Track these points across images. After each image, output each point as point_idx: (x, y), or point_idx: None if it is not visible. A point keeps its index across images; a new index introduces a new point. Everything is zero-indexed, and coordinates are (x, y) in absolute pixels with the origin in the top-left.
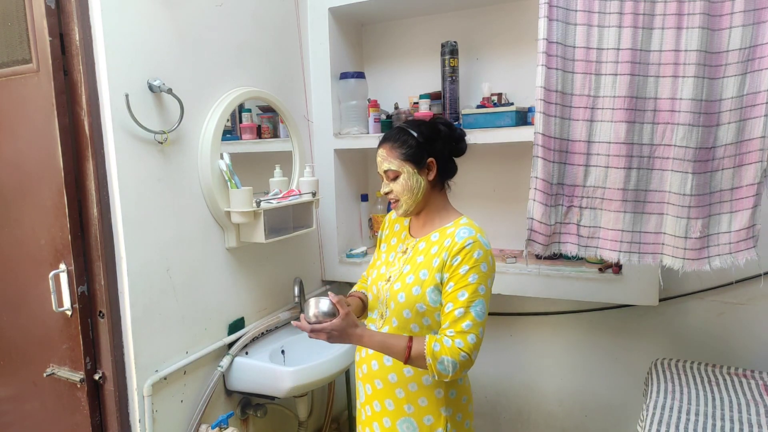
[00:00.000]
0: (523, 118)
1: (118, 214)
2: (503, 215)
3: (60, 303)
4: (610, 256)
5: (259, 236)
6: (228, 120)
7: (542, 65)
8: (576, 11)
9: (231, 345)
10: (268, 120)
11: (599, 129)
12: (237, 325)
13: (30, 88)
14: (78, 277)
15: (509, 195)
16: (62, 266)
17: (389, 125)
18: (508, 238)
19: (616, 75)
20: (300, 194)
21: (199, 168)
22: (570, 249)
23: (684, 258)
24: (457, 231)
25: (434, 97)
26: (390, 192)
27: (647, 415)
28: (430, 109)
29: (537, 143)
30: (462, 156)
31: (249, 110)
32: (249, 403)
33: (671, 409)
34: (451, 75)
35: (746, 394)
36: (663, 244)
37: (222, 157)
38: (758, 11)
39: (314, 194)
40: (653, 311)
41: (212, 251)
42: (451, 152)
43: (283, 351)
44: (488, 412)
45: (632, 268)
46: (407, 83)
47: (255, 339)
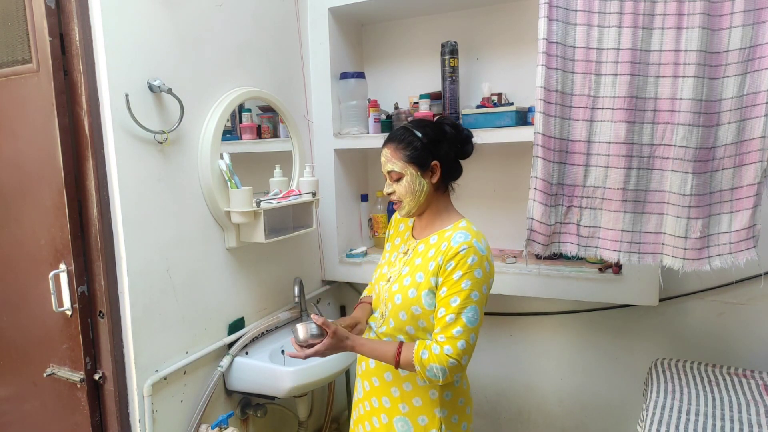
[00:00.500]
0: (523, 118)
1: (118, 214)
2: (503, 215)
3: (60, 303)
4: (610, 256)
5: (259, 236)
6: (228, 120)
7: (542, 65)
8: (576, 11)
9: (231, 345)
10: (268, 120)
11: (599, 129)
12: (237, 325)
13: (30, 88)
14: (78, 277)
15: (509, 195)
16: (62, 266)
17: (389, 125)
18: (508, 238)
19: (616, 75)
20: (300, 194)
21: (199, 168)
22: (570, 249)
23: (684, 258)
24: (454, 235)
25: (434, 97)
26: (393, 193)
27: (647, 415)
28: (430, 109)
29: (537, 143)
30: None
31: (249, 110)
32: (249, 403)
33: (671, 409)
34: (451, 75)
35: (746, 394)
36: (663, 244)
37: (222, 157)
38: (758, 11)
39: (314, 194)
40: (653, 311)
41: (212, 251)
42: (457, 154)
43: (283, 351)
44: (488, 412)
45: (632, 268)
46: (407, 83)
47: (255, 339)
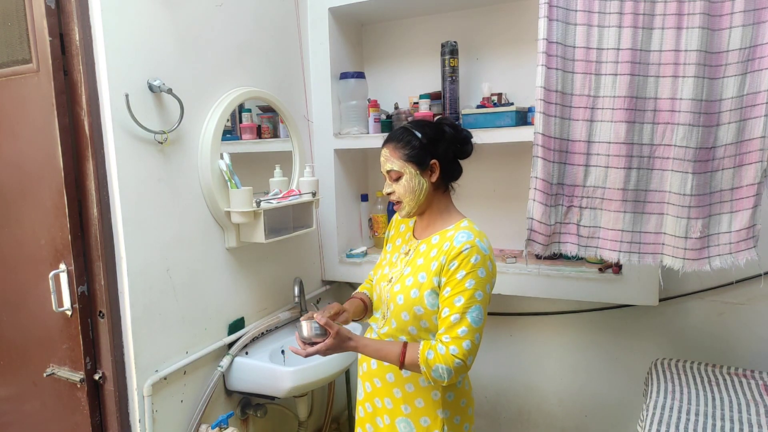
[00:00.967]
0: (523, 118)
1: (118, 214)
2: (503, 215)
3: (60, 303)
4: (610, 256)
5: (259, 236)
6: (228, 120)
7: (542, 65)
8: (576, 11)
9: (231, 345)
10: (268, 120)
11: (599, 129)
12: (237, 325)
13: (30, 88)
14: (78, 277)
15: (509, 195)
16: (62, 266)
17: (389, 125)
18: (508, 238)
19: (616, 75)
20: (300, 194)
21: (199, 168)
22: (570, 249)
23: (684, 258)
24: (456, 235)
25: (434, 97)
26: (392, 193)
27: (647, 415)
28: (430, 109)
29: (537, 143)
30: (467, 158)
31: (249, 110)
32: (249, 403)
33: (671, 409)
34: (451, 75)
35: (746, 394)
36: (663, 244)
37: (222, 157)
38: (758, 11)
39: (314, 194)
40: (653, 311)
41: (212, 251)
42: (456, 154)
43: (283, 351)
44: (488, 412)
45: (632, 268)
46: (407, 83)
47: (255, 339)
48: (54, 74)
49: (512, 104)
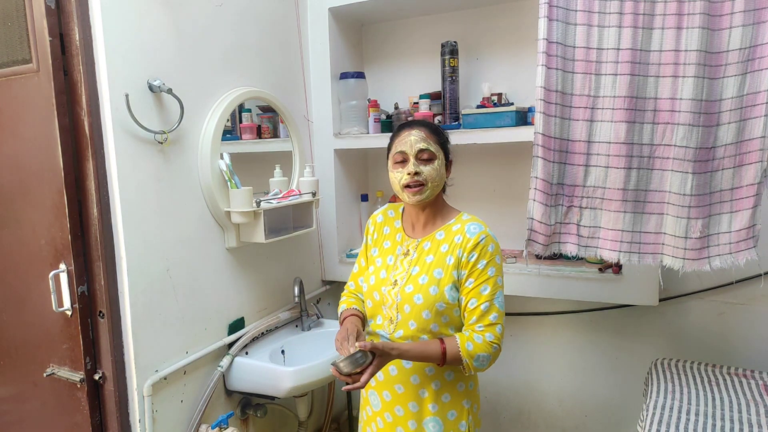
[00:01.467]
0: (523, 118)
1: (118, 214)
2: (503, 215)
3: (60, 303)
4: (610, 256)
5: (259, 236)
6: (228, 120)
7: (542, 65)
8: (576, 11)
9: (231, 345)
10: (268, 120)
11: (599, 129)
12: (237, 325)
13: (30, 88)
14: (78, 277)
15: (509, 195)
16: (62, 266)
17: (389, 125)
18: (508, 238)
19: (616, 75)
20: (300, 194)
21: (199, 168)
22: (570, 249)
23: (684, 258)
24: (466, 227)
25: (434, 97)
26: (419, 173)
27: (647, 415)
28: (430, 109)
29: (537, 143)
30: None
31: (249, 110)
32: (249, 403)
33: (671, 409)
34: (451, 75)
35: (746, 394)
36: (663, 244)
37: (222, 157)
38: (758, 11)
39: (314, 194)
40: (653, 311)
41: (212, 251)
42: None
43: (283, 351)
44: (488, 412)
45: (632, 268)
46: (407, 83)
47: (255, 339)
48: (54, 74)
49: (512, 104)
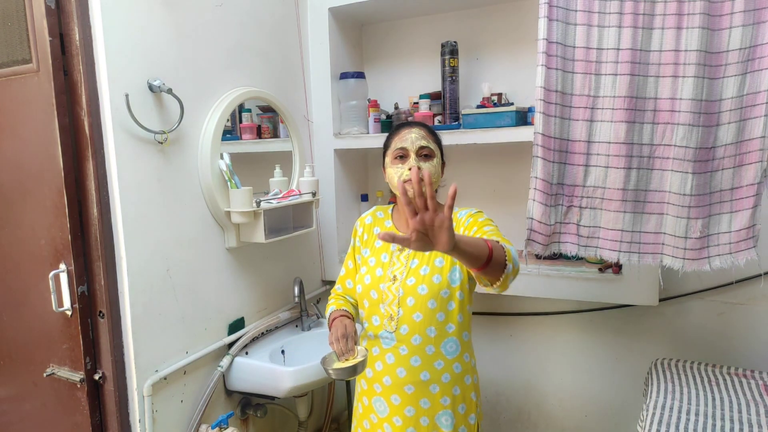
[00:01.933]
0: (523, 118)
1: (118, 214)
2: (503, 215)
3: (60, 303)
4: (610, 256)
5: (259, 236)
6: (228, 120)
7: (542, 65)
8: (576, 11)
9: (231, 345)
10: (268, 120)
11: (599, 129)
12: (237, 325)
13: (30, 88)
14: (78, 277)
15: (509, 195)
16: (62, 266)
17: (389, 125)
18: (508, 238)
19: (616, 75)
20: (300, 194)
21: (199, 168)
22: (570, 249)
23: (684, 258)
24: (458, 214)
25: (434, 97)
26: (420, 169)
27: (647, 415)
28: (430, 109)
29: (537, 143)
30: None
31: (249, 110)
32: (249, 403)
33: (671, 409)
34: (451, 75)
35: (746, 394)
36: (663, 244)
37: (222, 157)
38: (758, 11)
39: (314, 194)
40: (653, 311)
41: (212, 251)
42: None
43: (283, 351)
44: (488, 412)
45: (632, 268)
46: (407, 83)
47: (255, 339)
48: (54, 74)
49: (512, 104)
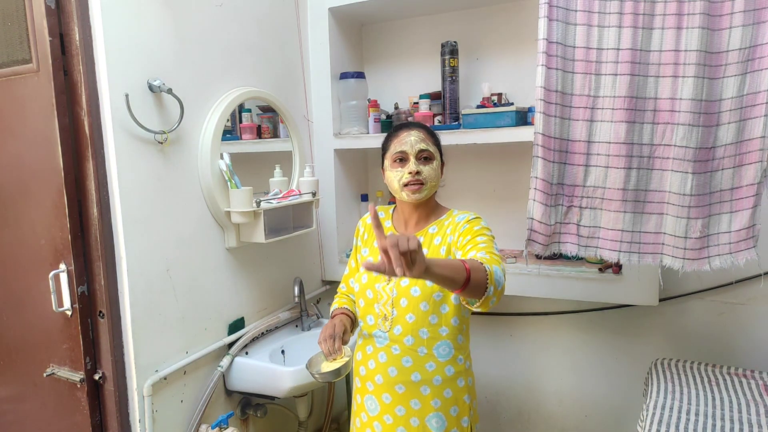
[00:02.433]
0: (523, 118)
1: (118, 214)
2: (503, 215)
3: (60, 303)
4: (610, 256)
5: (259, 236)
6: (228, 120)
7: (542, 65)
8: (576, 11)
9: (231, 345)
10: (268, 120)
11: (599, 129)
12: (237, 325)
13: (30, 88)
14: (78, 277)
15: (509, 195)
16: (62, 266)
17: (389, 125)
18: (508, 238)
19: (616, 75)
20: (300, 194)
21: (199, 168)
22: (570, 249)
23: (684, 258)
24: (456, 217)
25: (434, 97)
26: (419, 172)
27: (647, 415)
28: (430, 109)
29: (537, 143)
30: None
31: (249, 110)
32: (249, 403)
33: (671, 409)
34: (451, 75)
35: (746, 394)
36: (663, 244)
37: (222, 157)
38: (758, 11)
39: (314, 194)
40: (653, 311)
41: (212, 251)
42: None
43: (283, 351)
44: (488, 412)
45: (632, 268)
46: (407, 83)
47: (255, 339)
48: (54, 74)
49: (512, 104)
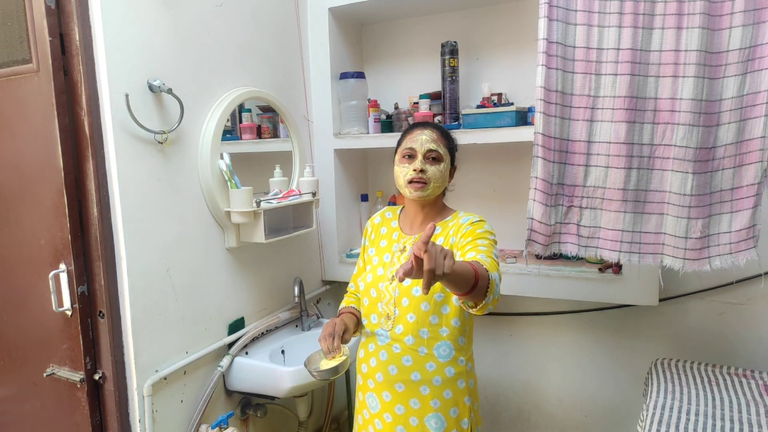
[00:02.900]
0: (523, 118)
1: (118, 214)
2: (503, 215)
3: (60, 303)
4: (610, 256)
5: (259, 236)
6: (228, 120)
7: (542, 65)
8: (576, 11)
9: (231, 345)
10: (268, 120)
11: (599, 129)
12: (237, 325)
13: (30, 88)
14: (78, 277)
15: (509, 195)
16: (62, 266)
17: (389, 125)
18: (508, 238)
19: (616, 75)
20: (300, 194)
21: (199, 168)
22: (570, 249)
23: (684, 258)
24: (461, 218)
25: (434, 97)
26: (424, 171)
27: (647, 415)
28: (430, 109)
29: (537, 143)
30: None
31: (249, 110)
32: (249, 403)
33: (671, 409)
34: (451, 75)
35: (746, 394)
36: (663, 244)
37: (222, 157)
38: (758, 11)
39: (314, 194)
40: (653, 311)
41: (212, 251)
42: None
43: (283, 351)
44: (488, 412)
45: (632, 268)
46: (407, 83)
47: (255, 339)
48: (54, 74)
49: (512, 104)
